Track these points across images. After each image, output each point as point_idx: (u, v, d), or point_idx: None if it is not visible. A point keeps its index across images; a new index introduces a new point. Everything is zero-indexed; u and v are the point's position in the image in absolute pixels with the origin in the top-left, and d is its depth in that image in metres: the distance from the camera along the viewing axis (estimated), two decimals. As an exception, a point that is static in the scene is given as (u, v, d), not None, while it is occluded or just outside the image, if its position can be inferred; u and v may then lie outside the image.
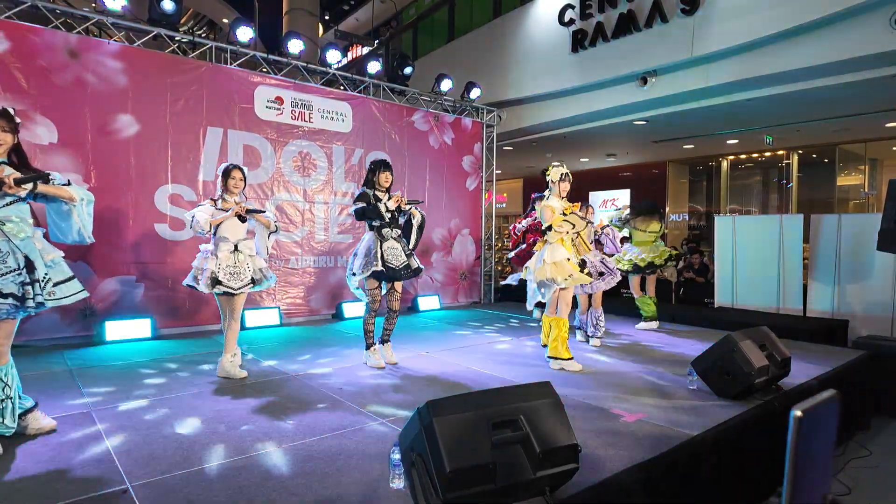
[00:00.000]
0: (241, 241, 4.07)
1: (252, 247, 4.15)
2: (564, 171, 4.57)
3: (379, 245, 4.34)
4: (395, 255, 4.38)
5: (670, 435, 2.93)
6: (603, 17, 8.52)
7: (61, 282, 2.74)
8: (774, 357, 3.73)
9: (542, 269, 4.38)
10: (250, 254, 4.10)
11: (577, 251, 4.57)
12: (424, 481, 1.98)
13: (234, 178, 4.07)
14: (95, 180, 5.40)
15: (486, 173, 9.17)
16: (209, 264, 3.94)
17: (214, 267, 3.92)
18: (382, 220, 4.38)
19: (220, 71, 6.25)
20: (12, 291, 2.51)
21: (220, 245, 4.00)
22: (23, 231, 2.64)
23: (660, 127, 9.67)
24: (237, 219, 4.05)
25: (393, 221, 4.46)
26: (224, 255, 3.98)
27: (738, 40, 6.97)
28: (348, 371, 4.36)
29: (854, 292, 6.45)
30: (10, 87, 4.97)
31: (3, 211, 2.59)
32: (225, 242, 4.01)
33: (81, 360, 4.58)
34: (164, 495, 2.24)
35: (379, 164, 4.47)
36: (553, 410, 2.22)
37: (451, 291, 8.64)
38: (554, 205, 4.46)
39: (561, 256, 4.36)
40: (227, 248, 4.00)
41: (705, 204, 13.46)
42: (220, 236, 4.02)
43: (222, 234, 4.02)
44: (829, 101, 7.72)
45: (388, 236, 4.41)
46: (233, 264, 3.98)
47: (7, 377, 2.64)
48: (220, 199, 4.09)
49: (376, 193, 4.43)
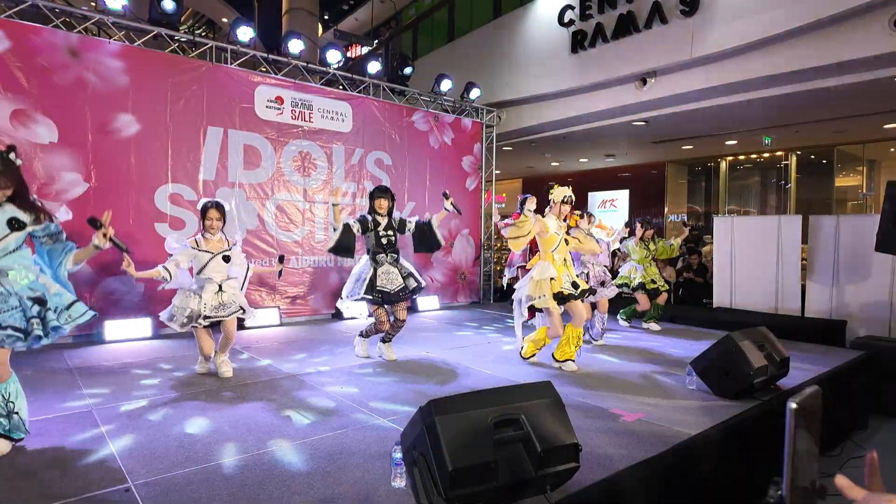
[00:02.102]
0: (225, 281, 4.03)
1: (236, 286, 4.09)
2: (568, 195, 4.59)
3: (372, 270, 4.47)
4: (391, 278, 4.47)
5: (670, 434, 2.95)
6: (603, 17, 8.53)
7: (71, 304, 2.78)
8: (773, 357, 3.75)
9: (528, 284, 4.41)
10: (234, 292, 4.05)
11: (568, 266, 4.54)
12: (426, 480, 2.00)
13: (209, 218, 4.02)
14: (96, 180, 5.41)
15: (486, 173, 9.18)
16: (192, 303, 3.89)
17: (196, 306, 3.88)
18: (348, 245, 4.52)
19: (221, 70, 6.25)
20: (13, 324, 2.53)
21: (206, 286, 3.95)
22: (25, 278, 2.66)
23: (659, 127, 9.69)
24: (222, 259, 4.02)
25: (389, 247, 4.57)
26: (209, 295, 3.93)
27: (738, 41, 6.99)
28: (348, 370, 4.37)
29: (852, 293, 6.47)
30: (11, 87, 4.97)
31: (4, 260, 2.60)
32: (210, 283, 3.96)
33: (81, 360, 4.59)
34: (165, 494, 2.25)
35: (374, 191, 4.66)
36: (554, 410, 2.23)
37: (451, 291, 8.65)
38: (549, 223, 4.48)
39: (546, 275, 4.36)
40: (213, 289, 3.96)
41: (704, 205, 13.49)
42: (206, 277, 3.97)
43: (207, 275, 3.97)
44: (828, 103, 7.74)
45: (383, 262, 4.53)
46: (217, 304, 3.94)
47: (7, 393, 2.62)
48: (202, 236, 4.05)
49: (376, 219, 4.59)
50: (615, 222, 14.20)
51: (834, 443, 4.25)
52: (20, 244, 2.67)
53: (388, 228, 4.62)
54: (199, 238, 4.03)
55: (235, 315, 4.00)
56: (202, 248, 3.99)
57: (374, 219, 4.60)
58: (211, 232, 4.03)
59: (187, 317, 3.88)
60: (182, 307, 3.91)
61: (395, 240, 4.64)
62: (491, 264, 9.36)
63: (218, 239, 4.07)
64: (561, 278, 4.38)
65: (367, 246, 4.65)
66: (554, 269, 4.38)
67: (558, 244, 4.47)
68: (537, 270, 4.43)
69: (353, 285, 4.54)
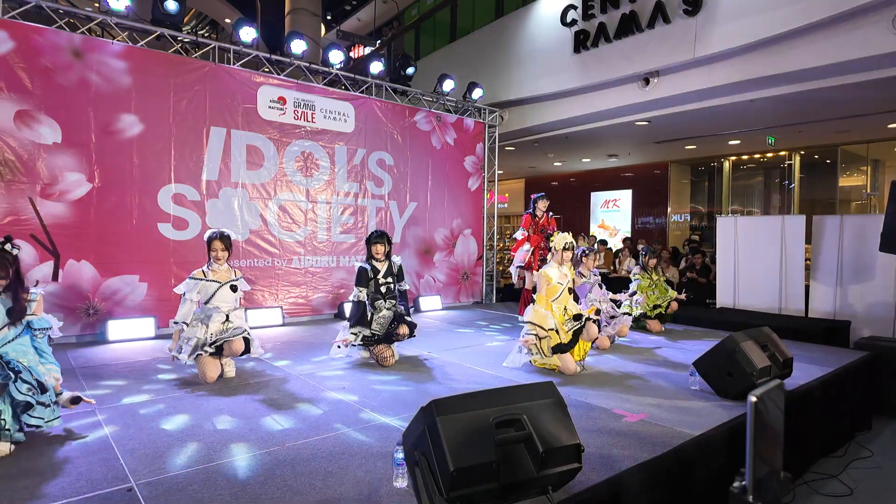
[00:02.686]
0: (232, 311, 4.06)
1: (242, 316, 4.14)
2: (569, 241, 4.59)
3: (369, 315, 4.56)
4: (383, 323, 4.55)
5: (673, 435, 2.94)
6: (605, 17, 8.52)
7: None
8: (776, 358, 3.74)
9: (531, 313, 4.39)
10: (241, 322, 4.07)
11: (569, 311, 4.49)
12: (428, 480, 1.99)
13: (214, 249, 4.06)
14: (99, 179, 5.42)
15: (488, 173, 9.17)
16: (198, 333, 3.90)
17: (203, 335, 3.89)
18: (365, 323, 4.57)
19: (224, 71, 6.26)
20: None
21: (213, 316, 3.97)
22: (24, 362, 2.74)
23: (662, 127, 9.67)
24: (229, 288, 4.06)
25: (388, 293, 4.66)
26: (216, 325, 3.95)
27: (741, 41, 6.97)
28: (351, 371, 4.37)
29: (856, 293, 6.45)
30: (15, 87, 4.98)
31: (3, 349, 2.71)
32: (217, 313, 3.99)
33: (85, 360, 4.60)
34: (168, 493, 2.25)
35: (372, 237, 4.74)
36: (556, 410, 2.23)
37: (453, 291, 8.65)
38: (551, 273, 4.46)
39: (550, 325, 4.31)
40: (220, 319, 3.98)
41: (707, 205, 13.46)
42: (213, 306, 4.00)
43: (214, 304, 4.01)
44: (832, 102, 7.72)
45: (381, 308, 4.62)
46: (222, 331, 3.94)
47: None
48: (208, 267, 4.10)
49: (374, 266, 4.67)
50: (618, 222, 14.29)
51: (837, 444, 4.24)
52: (19, 333, 2.78)
53: (387, 275, 4.69)
54: (206, 269, 4.09)
55: (241, 336, 3.96)
56: (209, 279, 4.03)
57: (373, 266, 4.67)
58: (217, 263, 4.08)
59: (193, 346, 3.87)
60: (188, 337, 3.92)
61: (394, 287, 4.72)
62: (493, 264, 9.35)
63: (225, 269, 4.13)
64: (563, 327, 4.33)
65: (367, 292, 4.67)
66: (553, 320, 4.35)
67: (560, 294, 4.45)
68: (536, 317, 4.35)
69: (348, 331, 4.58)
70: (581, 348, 4.43)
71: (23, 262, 4.86)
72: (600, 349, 5.17)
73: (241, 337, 3.95)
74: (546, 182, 16.14)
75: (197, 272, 4.07)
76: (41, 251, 5.13)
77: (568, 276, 4.54)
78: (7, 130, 4.95)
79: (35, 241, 5.09)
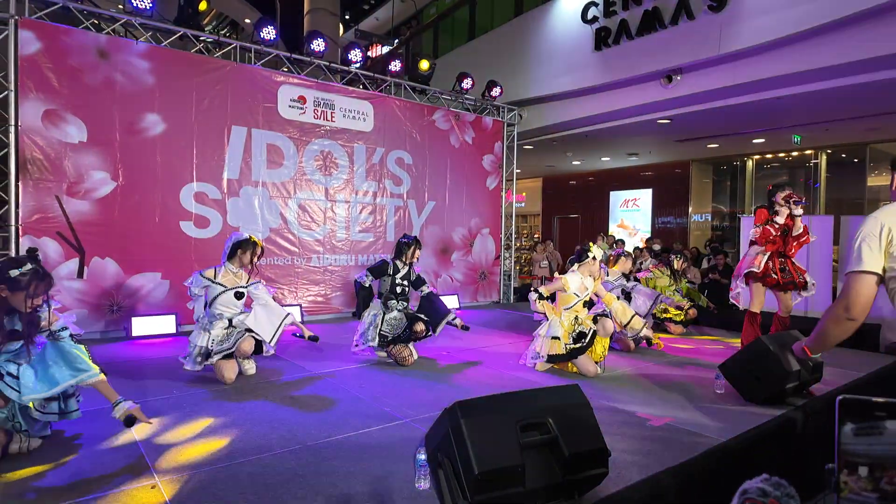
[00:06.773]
0: (236, 315, 4.00)
1: (244, 320, 3.98)
2: (605, 254, 4.60)
3: (382, 315, 4.56)
4: (395, 325, 4.55)
5: (699, 440, 2.88)
6: (627, 14, 8.40)
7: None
8: (806, 362, 3.63)
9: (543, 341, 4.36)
10: (245, 327, 3.93)
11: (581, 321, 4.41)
12: (451, 483, 1.97)
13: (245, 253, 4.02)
14: (123, 178, 5.49)
15: (507, 172, 9.11)
16: (202, 340, 3.86)
17: (204, 342, 3.85)
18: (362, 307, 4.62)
19: (244, 70, 6.31)
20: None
21: (216, 323, 3.93)
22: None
23: (684, 126, 9.51)
24: (233, 294, 3.99)
25: (402, 295, 4.66)
26: (218, 331, 3.90)
27: (767, 37, 6.81)
28: (369, 370, 4.37)
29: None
30: (43, 87, 5.07)
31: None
32: (220, 319, 3.95)
33: (110, 356, 4.66)
34: (191, 491, 2.26)
35: (412, 241, 4.73)
36: (582, 413, 2.19)
37: (471, 291, 8.61)
38: (571, 281, 4.39)
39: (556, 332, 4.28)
40: (222, 325, 3.94)
41: (729, 204, 13.22)
42: (216, 312, 3.95)
43: (217, 309, 3.95)
44: (860, 100, 7.51)
45: (393, 308, 4.61)
46: (224, 337, 3.89)
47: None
48: (224, 268, 3.99)
49: (396, 265, 4.66)
50: (637, 222, 14.11)
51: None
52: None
53: (405, 277, 4.68)
54: (219, 268, 4.02)
55: (249, 336, 3.89)
56: (216, 281, 3.96)
57: (395, 265, 4.65)
58: (234, 265, 4.02)
59: (195, 354, 3.84)
60: (193, 345, 3.90)
61: (408, 290, 4.72)
62: (511, 264, 9.29)
63: (236, 273, 4.02)
64: (568, 336, 4.27)
65: (380, 290, 4.67)
66: (560, 329, 4.30)
67: (574, 304, 4.38)
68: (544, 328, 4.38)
69: (363, 334, 4.59)
70: (600, 345, 4.35)
71: (49, 258, 5.00)
72: (623, 350, 5.09)
73: (251, 337, 3.91)
74: (564, 181, 16.00)
75: (208, 271, 4.00)
76: (67, 248, 5.21)
77: (588, 289, 4.47)
78: (35, 129, 5.04)
79: (61, 238, 5.17)
